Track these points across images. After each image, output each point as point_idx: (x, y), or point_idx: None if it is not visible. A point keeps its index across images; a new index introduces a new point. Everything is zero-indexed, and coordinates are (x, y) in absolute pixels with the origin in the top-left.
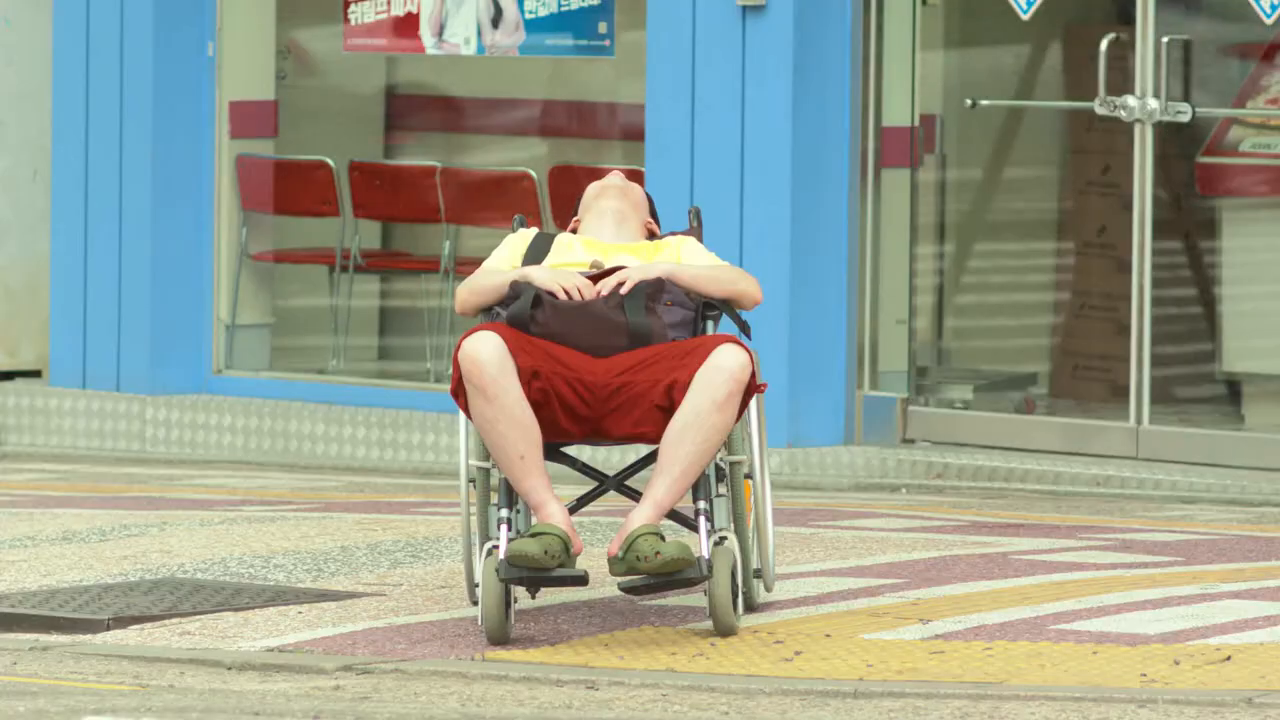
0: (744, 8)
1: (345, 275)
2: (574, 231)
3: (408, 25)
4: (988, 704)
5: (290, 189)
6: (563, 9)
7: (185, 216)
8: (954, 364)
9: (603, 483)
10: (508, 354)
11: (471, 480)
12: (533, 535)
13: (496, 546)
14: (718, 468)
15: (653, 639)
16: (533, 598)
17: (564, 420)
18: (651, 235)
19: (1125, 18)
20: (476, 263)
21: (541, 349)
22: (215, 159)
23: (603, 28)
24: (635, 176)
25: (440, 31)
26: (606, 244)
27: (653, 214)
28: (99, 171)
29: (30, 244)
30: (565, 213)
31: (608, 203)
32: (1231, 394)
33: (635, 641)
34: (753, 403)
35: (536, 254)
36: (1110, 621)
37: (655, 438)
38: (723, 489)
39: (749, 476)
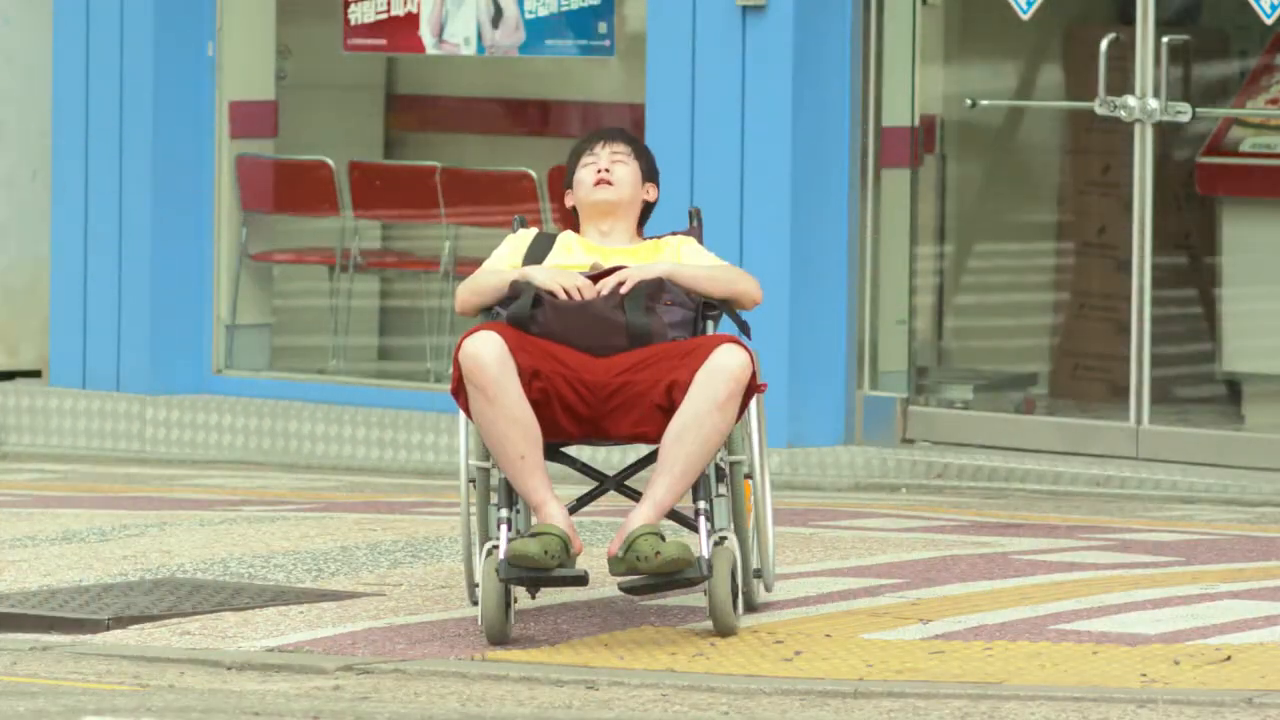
0: (744, 8)
1: (345, 275)
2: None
3: (408, 25)
4: (988, 704)
5: (290, 189)
6: (563, 9)
7: (185, 216)
8: (954, 364)
9: (603, 483)
10: (508, 354)
11: (471, 480)
12: (533, 535)
13: (496, 546)
14: (718, 468)
15: (653, 639)
16: (533, 598)
17: (564, 420)
18: (647, 210)
19: (1125, 18)
20: (476, 263)
21: (542, 349)
22: (215, 159)
23: (603, 28)
24: None
25: (440, 31)
26: (607, 247)
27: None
28: (99, 171)
29: (30, 244)
30: (565, 213)
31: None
32: (1231, 394)
33: (635, 641)
34: (753, 403)
35: (537, 254)
36: (1110, 621)
37: (655, 438)
38: (723, 489)
39: (749, 476)
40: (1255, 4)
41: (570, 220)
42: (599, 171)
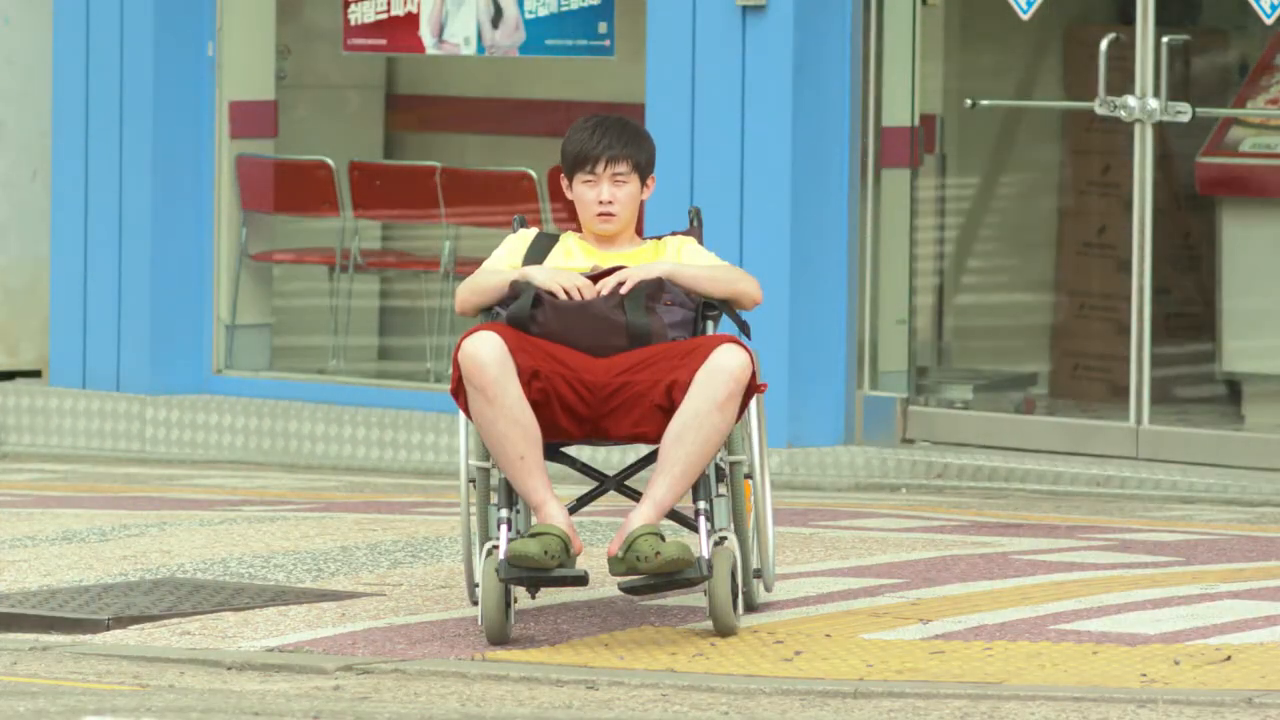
0: (744, 8)
1: (345, 275)
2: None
3: (408, 25)
4: (988, 704)
5: (290, 189)
6: (563, 9)
7: (185, 216)
8: (954, 364)
9: (603, 483)
10: (508, 354)
11: (471, 480)
12: (533, 535)
13: (496, 546)
14: (718, 468)
15: (653, 639)
16: (533, 598)
17: (564, 420)
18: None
19: (1125, 18)
20: (476, 263)
21: (541, 349)
22: (215, 159)
23: (603, 28)
24: None
25: (440, 31)
26: (608, 251)
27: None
28: (99, 171)
29: (30, 244)
30: (565, 213)
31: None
32: (1231, 394)
33: (635, 641)
34: (753, 403)
35: (537, 254)
36: (1110, 621)
37: (655, 438)
38: (723, 489)
39: (749, 476)
40: (1255, 4)
41: (573, 210)
42: (600, 203)
